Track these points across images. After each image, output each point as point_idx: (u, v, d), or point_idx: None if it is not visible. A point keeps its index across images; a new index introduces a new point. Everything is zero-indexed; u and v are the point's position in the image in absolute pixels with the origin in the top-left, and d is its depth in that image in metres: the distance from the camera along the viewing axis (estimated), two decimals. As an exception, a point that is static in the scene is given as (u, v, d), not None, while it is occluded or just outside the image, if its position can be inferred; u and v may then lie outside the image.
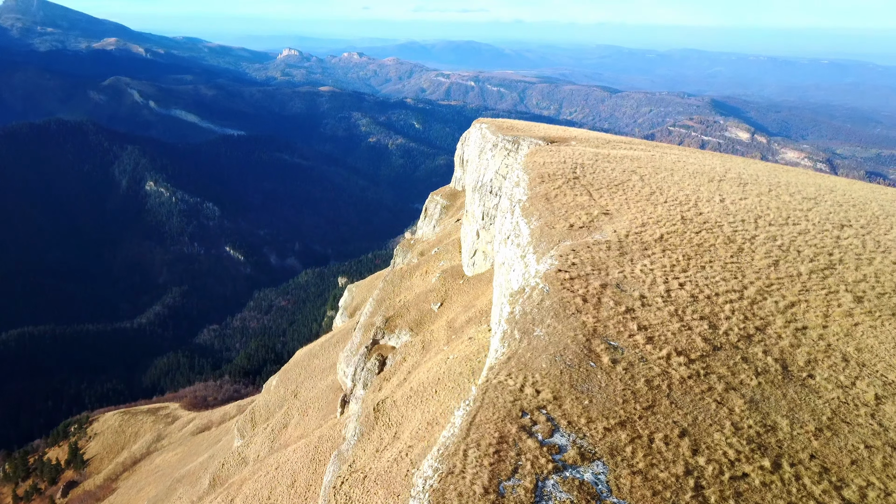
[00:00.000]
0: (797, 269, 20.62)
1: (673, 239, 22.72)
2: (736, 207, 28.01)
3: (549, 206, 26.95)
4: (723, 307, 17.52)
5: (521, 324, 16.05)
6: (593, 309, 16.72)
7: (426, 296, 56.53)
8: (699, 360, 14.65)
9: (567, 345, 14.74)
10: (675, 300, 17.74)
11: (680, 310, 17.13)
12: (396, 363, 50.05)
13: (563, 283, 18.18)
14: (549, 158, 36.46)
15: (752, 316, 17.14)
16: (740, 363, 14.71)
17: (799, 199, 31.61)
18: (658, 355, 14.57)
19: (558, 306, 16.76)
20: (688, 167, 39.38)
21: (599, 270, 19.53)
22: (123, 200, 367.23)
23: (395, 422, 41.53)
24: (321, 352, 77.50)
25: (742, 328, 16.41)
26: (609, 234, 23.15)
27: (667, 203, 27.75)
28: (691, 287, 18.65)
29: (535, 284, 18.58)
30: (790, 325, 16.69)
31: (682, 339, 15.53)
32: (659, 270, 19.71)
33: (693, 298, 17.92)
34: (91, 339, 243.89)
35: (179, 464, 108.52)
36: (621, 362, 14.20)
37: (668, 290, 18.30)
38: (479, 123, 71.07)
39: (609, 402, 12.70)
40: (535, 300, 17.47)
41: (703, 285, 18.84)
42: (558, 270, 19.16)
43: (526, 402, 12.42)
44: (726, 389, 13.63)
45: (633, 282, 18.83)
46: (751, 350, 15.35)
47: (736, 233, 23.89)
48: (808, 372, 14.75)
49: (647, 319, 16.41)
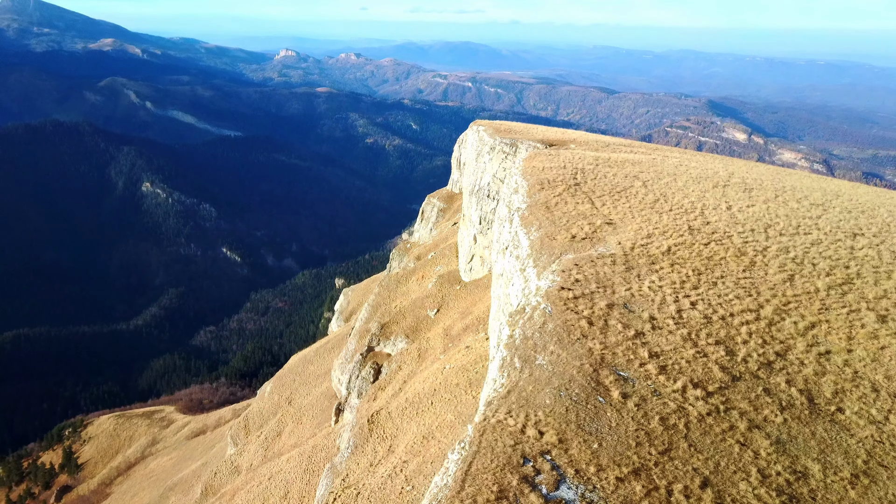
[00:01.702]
0: (814, 284, 19.39)
1: (681, 251, 21.51)
2: (744, 216, 26.82)
3: (550, 215, 25.75)
4: (739, 329, 16.24)
5: (522, 350, 14.76)
6: (600, 333, 15.48)
7: (422, 302, 55.34)
8: (718, 392, 13.34)
9: (573, 376, 13.43)
10: (687, 322, 16.49)
11: (693, 333, 15.86)
12: (392, 372, 48.84)
13: (566, 303, 16.98)
14: (549, 163, 35.24)
15: (771, 339, 15.88)
16: (762, 396, 13.40)
17: (807, 206, 30.42)
18: (672, 388, 13.27)
19: (562, 330, 15.52)
20: (690, 172, 38.23)
21: (605, 288, 18.33)
22: (120, 202, 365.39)
23: (390, 434, 40.31)
24: (316, 357, 76.20)
25: (761, 354, 15.13)
26: (613, 246, 21.93)
27: (672, 211, 26.56)
28: (704, 306, 17.40)
29: (537, 304, 17.33)
30: (812, 350, 15.43)
31: (698, 368, 14.24)
32: (668, 288, 18.48)
33: (707, 320, 16.66)
34: (87, 341, 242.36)
35: (174, 469, 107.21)
36: (633, 397, 12.90)
37: (679, 311, 17.05)
38: (477, 125, 69.84)
39: (621, 446, 11.39)
40: (536, 322, 16.24)
41: (717, 304, 17.59)
42: (561, 288, 17.93)
43: (528, 447, 11.11)
44: (749, 428, 12.33)
45: (642, 301, 17.58)
46: (773, 380, 14.06)
47: (746, 244, 22.65)
48: (836, 405, 13.45)
49: (659, 345, 15.15)
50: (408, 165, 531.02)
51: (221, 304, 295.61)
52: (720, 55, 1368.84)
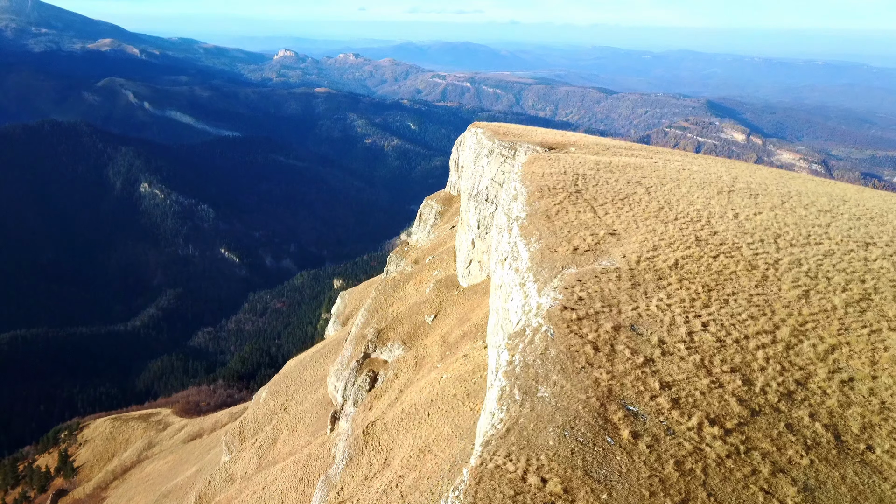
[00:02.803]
0: (830, 301, 18.34)
1: (689, 265, 20.47)
2: (752, 225, 25.84)
3: (551, 224, 24.69)
4: (755, 354, 15.15)
5: (523, 380, 13.66)
6: (606, 361, 14.41)
7: (420, 307, 54.28)
8: (737, 430, 12.20)
9: (578, 412, 12.29)
10: (699, 346, 15.40)
11: (707, 359, 14.78)
12: (388, 380, 47.80)
13: (569, 326, 15.91)
14: (549, 168, 34.19)
15: (790, 365, 14.80)
16: (785, 433, 12.28)
17: (815, 213, 29.41)
18: (687, 425, 12.13)
19: (565, 357, 14.43)
20: (694, 176, 37.23)
21: (610, 307, 17.27)
22: (117, 202, 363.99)
23: (386, 446, 39.28)
24: (312, 363, 75.11)
25: (781, 383, 14.04)
26: (618, 259, 20.89)
27: (678, 220, 25.54)
28: (716, 328, 16.31)
29: (538, 326, 16.26)
30: (834, 377, 14.33)
31: (714, 400, 13.11)
32: (677, 306, 17.39)
33: (720, 343, 15.57)
34: (84, 342, 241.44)
35: (170, 473, 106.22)
36: (644, 436, 11.76)
37: (690, 333, 15.97)
38: (475, 128, 68.73)
39: (633, 496, 10.26)
40: (537, 347, 15.18)
41: (730, 325, 16.51)
42: (563, 308, 16.84)
43: (530, 498, 10.00)
44: (773, 472, 11.21)
45: (650, 322, 16.50)
46: (795, 414, 12.94)
47: (757, 256, 21.60)
48: (865, 443, 12.34)
49: (671, 374, 14.07)
50: (406, 166, 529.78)
51: (219, 304, 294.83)
52: (719, 55, 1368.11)
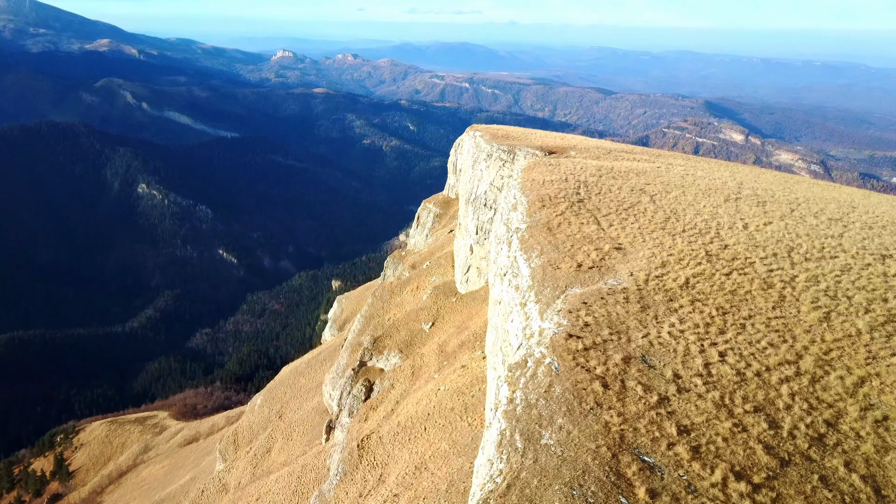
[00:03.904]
0: (854, 324, 17.05)
1: (701, 284, 19.24)
2: (763, 236, 24.64)
3: (552, 238, 23.46)
4: (779, 390, 13.91)
5: (525, 424, 12.38)
6: (617, 400, 13.16)
7: (417, 314, 53.08)
8: (766, 485, 10.84)
9: (587, 465, 10.94)
10: (717, 380, 14.17)
11: (727, 397, 13.54)
12: (384, 390, 46.58)
13: (575, 357, 14.69)
14: (549, 176, 32.93)
15: (818, 403, 13.53)
16: (820, 488, 10.94)
17: (826, 222, 28.18)
18: (710, 480, 10.74)
19: (572, 396, 13.13)
20: (699, 183, 36.00)
21: (619, 334, 16.03)
22: (115, 203, 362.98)
23: (381, 462, 38.04)
24: (308, 370, 73.91)
25: (810, 424, 12.73)
26: (625, 277, 19.66)
27: (685, 233, 24.35)
28: (734, 358, 15.05)
29: (541, 357, 15.01)
30: (867, 416, 13.01)
31: (738, 448, 11.77)
32: (691, 332, 16.15)
33: (740, 377, 14.32)
34: (82, 344, 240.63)
35: (165, 478, 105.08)
36: (663, 495, 10.38)
37: (706, 365, 14.71)
38: (473, 131, 67.55)
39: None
40: (541, 383, 13.95)
41: (748, 354, 15.27)
42: (568, 335, 15.57)
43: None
44: (810, 539, 9.95)
45: (663, 352, 15.24)
46: (828, 463, 11.62)
47: (772, 273, 20.38)
48: (908, 497, 11.05)
49: (688, 415, 12.79)
50: (405, 166, 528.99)
51: (217, 306, 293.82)
52: (717, 56, 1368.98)
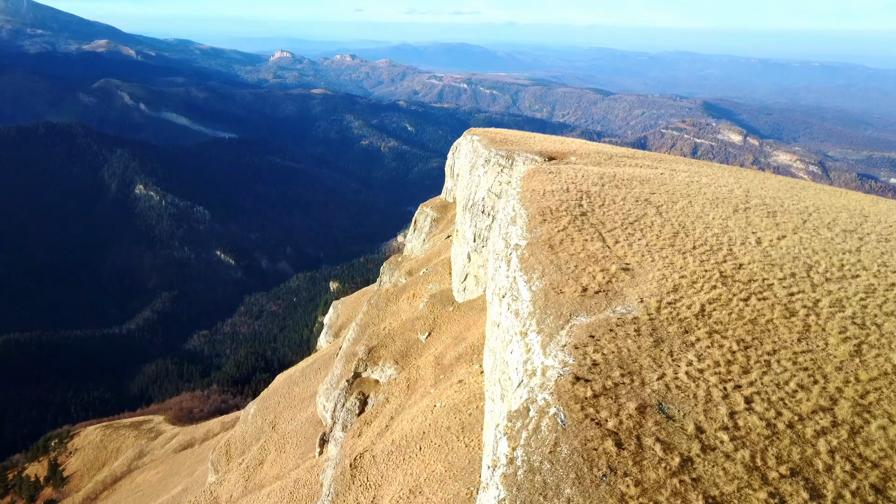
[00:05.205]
0: (889, 359, 16.11)
1: (718, 313, 18.27)
2: (778, 253, 23.65)
3: (555, 256, 22.73)
4: (816, 445, 12.78)
5: (527, 494, 11.65)
6: (633, 464, 12.19)
7: (413, 324, 53.07)
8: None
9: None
10: (746, 435, 13.06)
11: (758, 456, 12.41)
12: (379, 404, 46.50)
13: (583, 407, 13.76)
14: (550, 185, 32.98)
15: (861, 461, 12.53)
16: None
17: (840, 235, 27.36)
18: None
19: (581, 459, 12.36)
20: (704, 191, 34.90)
21: (631, 376, 15.04)
22: (112, 204, 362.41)
23: (374, 483, 37.79)
24: (302, 378, 73.72)
25: (856, 492, 11.74)
26: (634, 304, 18.88)
27: (696, 250, 23.38)
28: (763, 405, 13.92)
29: (545, 405, 14.07)
30: (919, 479, 12.30)
31: (780, 529, 10.90)
32: (711, 373, 15.07)
33: (771, 429, 13.22)
34: (78, 346, 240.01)
35: (160, 484, 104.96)
36: None
37: (732, 414, 13.64)
38: (471, 135, 67.60)
39: None
40: (545, 440, 13.11)
41: (777, 400, 14.20)
42: (575, 378, 14.85)
43: None
44: None
45: (681, 398, 14.15)
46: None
47: (793, 298, 19.38)
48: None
49: (716, 483, 11.69)
50: (403, 167, 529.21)
51: (215, 307, 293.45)
52: (715, 56, 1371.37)
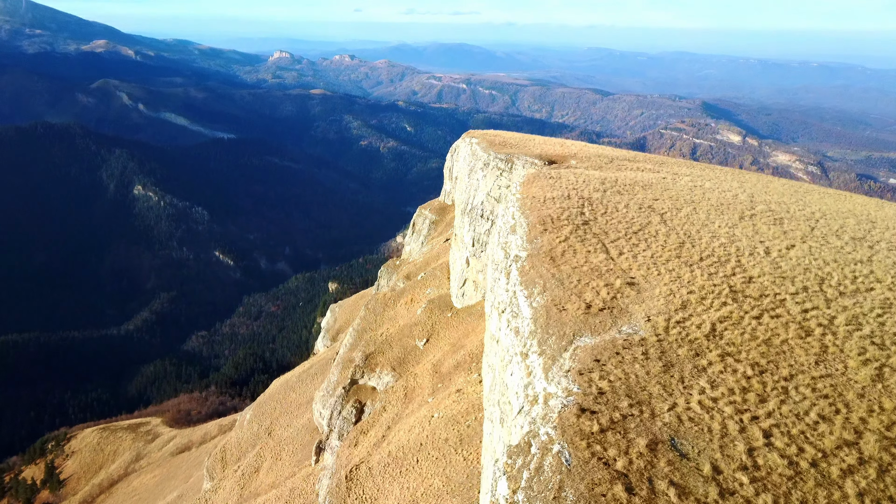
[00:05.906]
0: None
1: (730, 333, 17.32)
2: (788, 265, 22.81)
3: (556, 270, 21.91)
4: (843, 487, 11.78)
5: None
6: None
7: (411, 330, 52.48)
8: None
9: None
10: (766, 476, 12.06)
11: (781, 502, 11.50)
12: (375, 412, 45.93)
13: (590, 444, 12.81)
14: (550, 192, 32.38)
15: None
16: None
17: (850, 243, 26.49)
18: None
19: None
20: (708, 196, 33.84)
21: (640, 406, 14.09)
22: (111, 204, 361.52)
23: (370, 496, 37.19)
24: (298, 384, 73.10)
25: None
26: (641, 323, 18.06)
27: (703, 262, 22.54)
28: (783, 441, 12.89)
29: (548, 441, 13.17)
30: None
31: None
32: (726, 402, 14.09)
33: (793, 469, 12.25)
34: (77, 347, 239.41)
35: (156, 488, 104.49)
36: None
37: (750, 451, 12.63)
38: (469, 137, 67.05)
39: None
40: (548, 482, 12.22)
41: (798, 433, 13.21)
42: (581, 410, 13.95)
43: None
44: None
45: (695, 431, 13.18)
46: None
47: (807, 315, 18.49)
48: None
49: None
50: (402, 168, 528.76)
51: (214, 308, 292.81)
52: (714, 57, 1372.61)
